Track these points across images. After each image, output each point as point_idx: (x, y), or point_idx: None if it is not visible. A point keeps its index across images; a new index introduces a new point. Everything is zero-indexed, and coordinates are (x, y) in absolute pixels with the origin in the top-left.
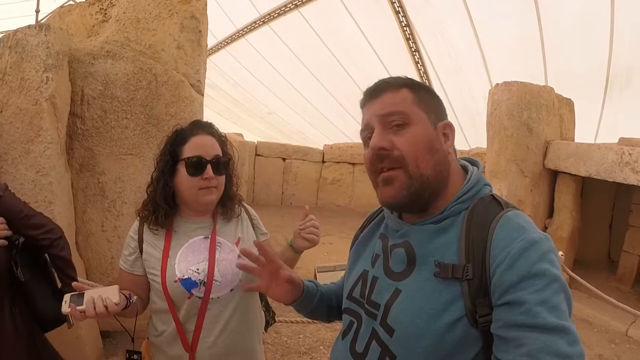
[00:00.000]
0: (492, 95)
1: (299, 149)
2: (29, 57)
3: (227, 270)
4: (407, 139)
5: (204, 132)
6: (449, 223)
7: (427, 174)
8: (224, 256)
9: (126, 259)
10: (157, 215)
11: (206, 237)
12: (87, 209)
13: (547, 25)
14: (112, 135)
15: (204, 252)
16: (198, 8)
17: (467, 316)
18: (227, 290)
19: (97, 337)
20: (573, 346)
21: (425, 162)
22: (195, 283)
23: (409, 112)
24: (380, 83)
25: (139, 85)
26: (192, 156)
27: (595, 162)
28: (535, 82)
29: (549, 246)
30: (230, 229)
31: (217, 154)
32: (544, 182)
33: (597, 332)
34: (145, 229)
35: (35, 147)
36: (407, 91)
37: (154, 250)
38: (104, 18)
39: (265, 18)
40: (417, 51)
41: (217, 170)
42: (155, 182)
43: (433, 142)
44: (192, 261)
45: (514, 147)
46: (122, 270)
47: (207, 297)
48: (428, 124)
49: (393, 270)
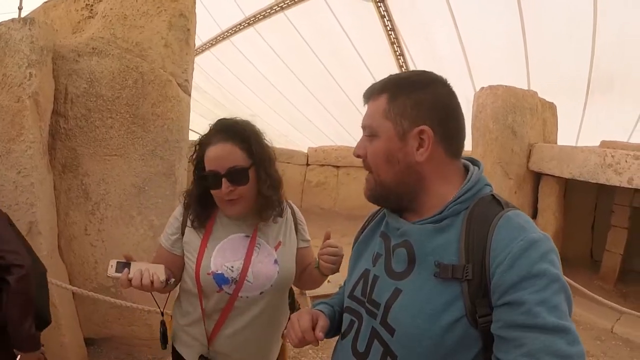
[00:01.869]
0: (477, 98)
1: (283, 151)
2: (12, 52)
3: (261, 273)
4: (371, 151)
5: (223, 137)
6: (449, 223)
7: (387, 182)
8: (261, 258)
9: (168, 237)
10: (194, 220)
11: (247, 236)
12: (69, 211)
13: (530, 30)
14: (97, 135)
15: (242, 250)
16: (187, 6)
17: (467, 316)
18: (257, 292)
19: (81, 345)
20: (573, 346)
21: (384, 172)
22: (227, 280)
23: (375, 125)
24: (368, 89)
25: (125, 83)
26: (207, 173)
27: (578, 165)
28: (518, 85)
29: (549, 246)
30: (273, 230)
31: (231, 165)
32: (528, 184)
33: (583, 329)
34: None
35: (17, 146)
36: (383, 99)
37: (194, 237)
38: (90, 14)
39: (250, 20)
40: (401, 55)
41: (235, 181)
42: (193, 186)
43: (393, 154)
44: (229, 257)
45: (499, 150)
46: (161, 247)
47: (235, 295)
48: (392, 136)
49: (394, 270)
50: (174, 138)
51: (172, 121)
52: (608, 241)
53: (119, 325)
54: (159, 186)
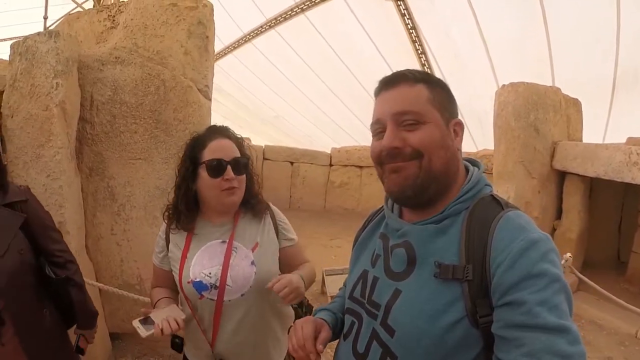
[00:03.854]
0: (499, 96)
1: (307, 152)
2: (39, 64)
3: (239, 275)
4: (422, 137)
5: (221, 136)
6: (449, 223)
7: (437, 169)
8: (238, 262)
9: (157, 255)
10: (179, 220)
11: (223, 242)
12: (97, 212)
13: (553, 25)
14: (121, 140)
15: (219, 256)
16: (205, 14)
17: (468, 317)
18: (237, 295)
19: (106, 339)
20: (574, 346)
21: (438, 157)
22: (207, 286)
23: (423, 111)
24: (397, 74)
25: (148, 90)
26: (212, 159)
27: (603, 163)
28: (541, 82)
29: (549, 246)
30: (250, 233)
31: (235, 155)
32: (552, 183)
33: (606, 334)
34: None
35: (46, 151)
36: (423, 87)
37: (176, 250)
38: (112, 25)
39: (271, 22)
40: (423, 53)
41: (237, 170)
42: (177, 188)
43: (446, 139)
44: (206, 265)
45: (521, 148)
46: (154, 264)
47: (220, 300)
48: (441, 122)
49: (393, 271)
50: None
51: (194, 125)
52: (635, 242)
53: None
54: None
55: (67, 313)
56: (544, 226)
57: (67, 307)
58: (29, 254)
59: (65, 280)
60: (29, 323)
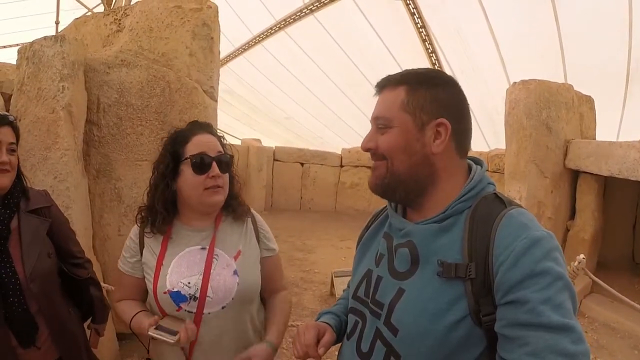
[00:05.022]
0: (510, 94)
1: (317, 153)
2: (46, 68)
3: (220, 286)
4: (385, 141)
5: (204, 131)
6: (452, 222)
7: (400, 173)
8: (219, 271)
9: (126, 261)
10: (154, 222)
11: (203, 248)
12: (104, 213)
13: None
14: (128, 141)
15: (199, 264)
16: (209, 15)
17: (471, 315)
18: (218, 307)
19: (113, 339)
20: (578, 345)
21: (400, 162)
22: (185, 297)
23: (392, 116)
24: (384, 78)
25: (153, 92)
26: (196, 154)
27: (617, 161)
28: (553, 79)
29: (552, 244)
30: (232, 239)
31: (220, 150)
32: (565, 182)
33: (620, 337)
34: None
35: (53, 154)
36: (402, 90)
37: (150, 256)
38: (118, 28)
39: (280, 24)
40: (433, 52)
41: (222, 168)
42: (154, 187)
43: (411, 144)
44: (184, 273)
45: (533, 147)
46: (122, 273)
47: (199, 312)
48: (410, 126)
49: (397, 270)
50: None
51: None
52: None
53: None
54: None
55: (83, 310)
56: (557, 226)
57: (85, 304)
58: (55, 257)
59: (87, 280)
60: (59, 324)
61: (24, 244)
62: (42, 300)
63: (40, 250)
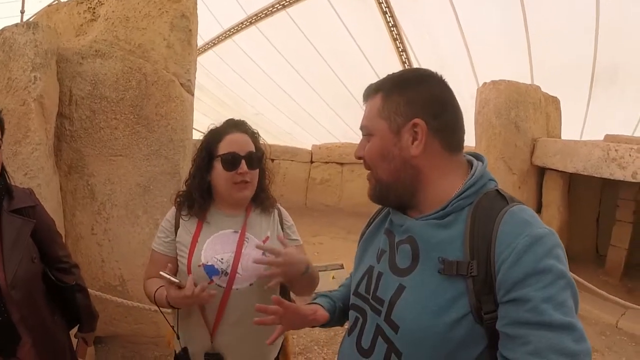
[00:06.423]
0: (480, 94)
1: (288, 149)
2: (17, 56)
3: (249, 265)
4: (368, 150)
5: (237, 130)
6: (453, 219)
7: (385, 180)
8: (249, 251)
9: (161, 241)
10: (192, 207)
11: (235, 232)
12: (76, 212)
13: (532, 23)
14: (101, 136)
15: (232, 244)
16: (188, 7)
17: (472, 313)
18: (246, 284)
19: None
20: (579, 343)
21: (382, 169)
22: (217, 271)
23: (370, 125)
24: (365, 89)
25: (129, 85)
26: (227, 152)
27: (582, 159)
28: (521, 79)
29: (554, 241)
30: (261, 226)
31: (250, 149)
32: (532, 179)
33: (587, 324)
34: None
35: (23, 148)
36: (378, 98)
37: (186, 235)
38: (92, 17)
39: (252, 19)
40: (404, 51)
41: (251, 164)
42: (192, 177)
43: (389, 150)
44: (218, 250)
45: (502, 145)
46: (155, 251)
47: (229, 288)
48: (386, 132)
49: (398, 266)
50: (178, 137)
51: (176, 121)
52: (613, 236)
53: (125, 324)
54: (164, 185)
55: (69, 317)
56: None
57: (72, 311)
58: (40, 261)
59: (74, 287)
60: (43, 333)
61: (5, 247)
62: (24, 308)
63: (23, 253)
